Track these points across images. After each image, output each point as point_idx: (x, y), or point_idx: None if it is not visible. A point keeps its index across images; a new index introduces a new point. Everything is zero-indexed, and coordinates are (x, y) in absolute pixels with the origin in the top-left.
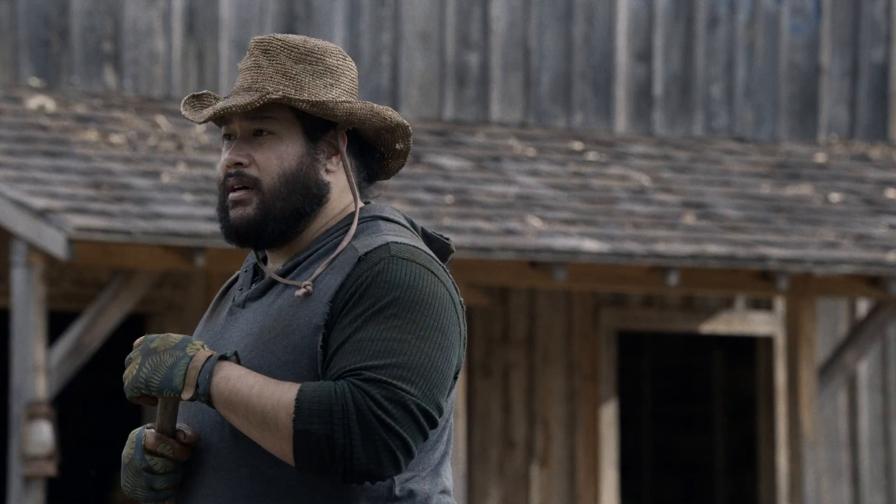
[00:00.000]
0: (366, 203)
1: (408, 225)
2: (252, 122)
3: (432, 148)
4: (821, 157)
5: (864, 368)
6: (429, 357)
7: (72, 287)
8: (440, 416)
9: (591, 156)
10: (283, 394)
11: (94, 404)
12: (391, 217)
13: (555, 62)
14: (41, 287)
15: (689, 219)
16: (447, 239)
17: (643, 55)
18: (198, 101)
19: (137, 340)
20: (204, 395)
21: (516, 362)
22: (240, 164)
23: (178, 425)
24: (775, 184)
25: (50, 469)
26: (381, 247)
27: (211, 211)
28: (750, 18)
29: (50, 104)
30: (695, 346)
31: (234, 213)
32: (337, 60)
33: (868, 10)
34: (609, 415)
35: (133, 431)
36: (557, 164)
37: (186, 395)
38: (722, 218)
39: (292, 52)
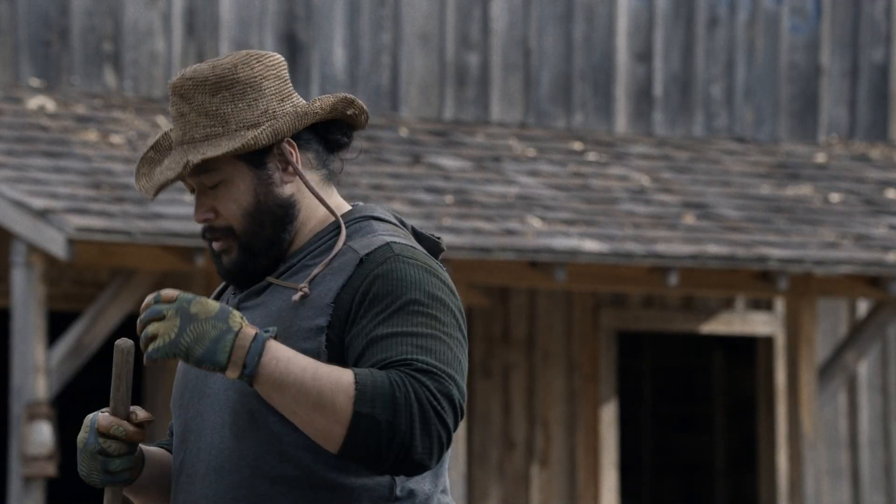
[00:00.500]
0: (354, 205)
1: (399, 225)
2: (198, 177)
3: (432, 148)
4: (821, 158)
5: (864, 368)
6: (454, 354)
7: (72, 287)
8: None
9: (591, 156)
10: (340, 376)
11: (94, 404)
12: (383, 217)
13: (555, 62)
14: (41, 287)
15: (689, 219)
16: (438, 238)
17: (643, 55)
18: (155, 151)
19: (169, 293)
20: (250, 376)
21: (516, 362)
22: (207, 219)
23: (130, 407)
24: (775, 184)
25: (50, 469)
26: (382, 247)
27: None
28: (750, 18)
29: (50, 104)
30: (695, 346)
31: (225, 260)
32: (251, 70)
33: (868, 10)
34: (609, 415)
35: (88, 416)
36: (557, 165)
37: (232, 374)
38: (722, 218)
39: (205, 85)
